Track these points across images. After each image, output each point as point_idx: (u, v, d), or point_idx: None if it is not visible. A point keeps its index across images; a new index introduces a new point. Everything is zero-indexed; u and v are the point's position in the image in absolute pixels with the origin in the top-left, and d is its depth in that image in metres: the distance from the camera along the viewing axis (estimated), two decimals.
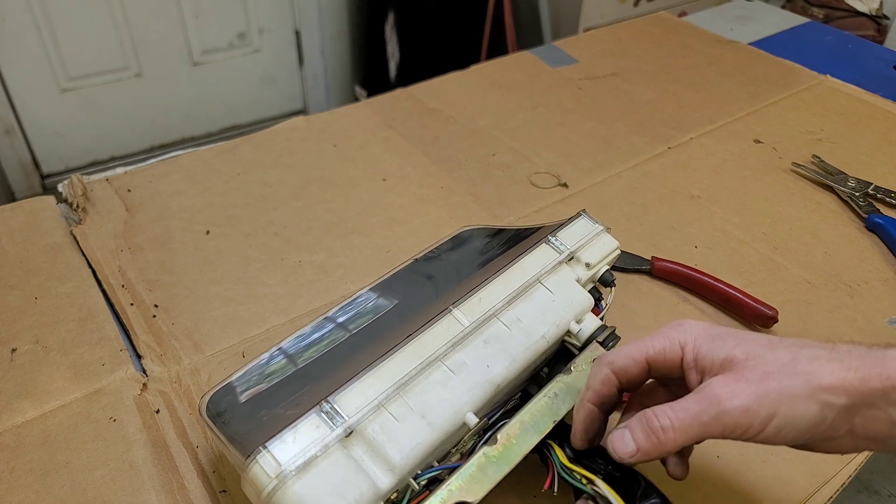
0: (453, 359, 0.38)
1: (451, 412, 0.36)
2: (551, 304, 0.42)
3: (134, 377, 0.48)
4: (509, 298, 0.41)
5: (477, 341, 0.39)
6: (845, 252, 0.61)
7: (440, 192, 0.66)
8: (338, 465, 0.33)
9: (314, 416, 0.34)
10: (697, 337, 0.33)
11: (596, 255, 0.46)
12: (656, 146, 0.74)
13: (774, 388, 0.30)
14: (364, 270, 0.57)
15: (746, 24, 1.05)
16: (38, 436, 0.44)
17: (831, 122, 0.79)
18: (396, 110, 0.78)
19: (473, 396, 0.37)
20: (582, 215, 0.48)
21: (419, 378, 0.37)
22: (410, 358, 0.37)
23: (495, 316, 0.40)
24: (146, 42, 1.73)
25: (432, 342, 0.38)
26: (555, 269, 0.44)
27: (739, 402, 0.30)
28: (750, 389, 0.30)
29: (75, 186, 0.63)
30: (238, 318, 0.53)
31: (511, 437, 0.35)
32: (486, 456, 0.34)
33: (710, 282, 0.55)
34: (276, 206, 0.64)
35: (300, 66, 2.00)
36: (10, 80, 1.61)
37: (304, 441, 0.33)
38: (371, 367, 0.37)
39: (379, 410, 0.35)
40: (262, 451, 0.33)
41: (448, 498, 0.32)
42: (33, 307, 0.53)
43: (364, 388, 0.36)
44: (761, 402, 0.30)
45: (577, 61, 0.90)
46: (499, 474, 0.33)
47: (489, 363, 0.38)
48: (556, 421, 0.36)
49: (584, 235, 0.46)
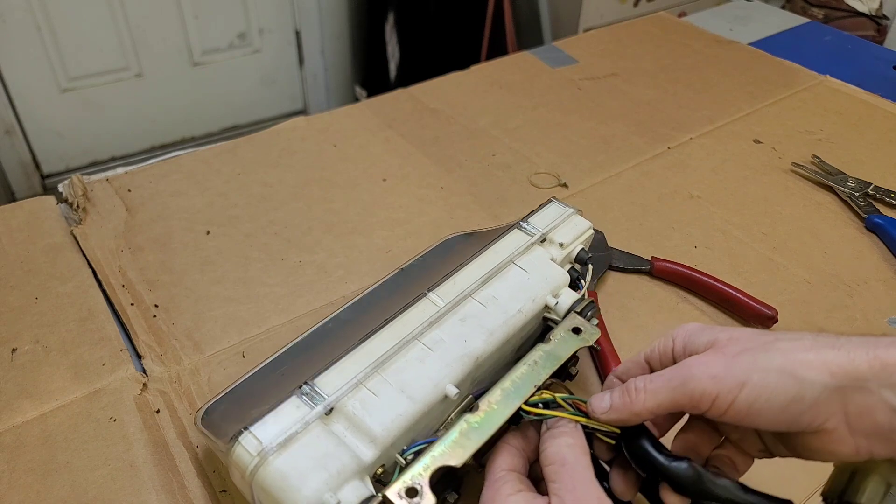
0: (430, 336, 0.38)
1: (430, 385, 0.36)
2: (526, 281, 0.43)
3: (134, 377, 0.48)
4: (484, 279, 0.42)
5: (453, 320, 0.40)
6: (845, 252, 0.61)
7: (440, 192, 0.66)
8: (319, 439, 0.33)
9: (294, 398, 0.35)
10: (690, 330, 0.34)
11: (568, 235, 0.46)
12: (656, 146, 0.74)
13: (746, 360, 0.30)
14: (364, 270, 0.57)
15: (746, 25, 1.05)
16: (39, 436, 0.44)
17: (831, 123, 0.79)
18: (396, 111, 0.78)
19: (453, 370, 0.37)
20: (552, 201, 0.49)
21: (397, 357, 0.37)
22: (388, 339, 0.38)
23: (470, 296, 0.41)
24: (146, 42, 1.73)
25: (409, 323, 0.39)
26: (528, 249, 0.45)
27: (708, 369, 0.31)
28: (722, 360, 0.31)
29: (76, 186, 0.63)
30: (238, 318, 0.53)
31: (492, 403, 0.35)
32: (468, 422, 0.34)
33: (710, 282, 0.55)
34: (277, 206, 0.64)
35: (300, 66, 2.00)
36: (10, 80, 1.61)
37: (285, 421, 0.34)
38: (350, 351, 0.37)
39: (358, 388, 0.35)
40: (245, 433, 0.33)
41: (432, 463, 0.32)
42: (34, 307, 0.53)
43: (343, 369, 0.36)
44: (730, 370, 0.30)
45: (576, 61, 0.90)
46: (481, 438, 0.34)
47: (466, 339, 0.38)
48: (536, 386, 0.36)
49: (556, 218, 0.47)
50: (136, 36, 1.71)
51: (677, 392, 0.31)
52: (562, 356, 0.38)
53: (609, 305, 0.54)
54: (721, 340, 0.32)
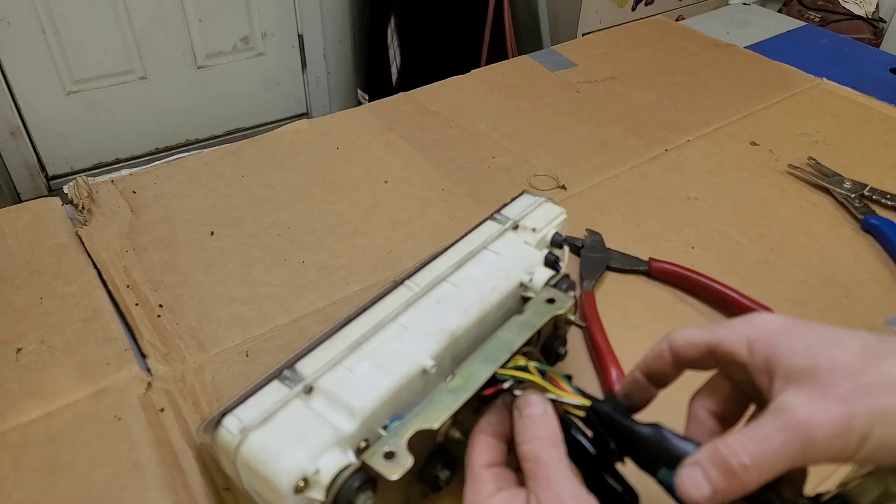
0: (405, 317, 0.39)
1: (406, 359, 0.37)
2: (499, 262, 0.44)
3: (139, 376, 0.48)
4: (458, 265, 0.43)
5: (428, 301, 0.40)
6: (841, 253, 0.62)
7: (441, 194, 0.67)
8: (298, 414, 0.34)
9: (275, 382, 0.36)
10: (771, 332, 0.29)
11: (540, 221, 0.47)
12: (653, 148, 0.75)
13: (867, 408, 0.26)
14: (366, 271, 0.58)
15: (743, 28, 1.06)
16: (43, 435, 0.44)
17: (827, 125, 0.80)
18: (398, 114, 0.79)
19: (429, 345, 0.37)
20: (524, 193, 0.50)
21: (373, 338, 0.38)
22: (365, 323, 0.39)
23: (445, 279, 0.42)
24: (151, 45, 1.74)
25: (386, 308, 0.40)
26: (500, 236, 0.46)
27: (829, 429, 0.26)
28: (839, 409, 0.26)
29: (80, 188, 0.64)
30: (242, 318, 0.53)
31: (467, 369, 0.36)
32: (444, 389, 0.35)
33: (707, 282, 0.56)
34: (280, 208, 0.64)
35: (303, 70, 2.01)
36: (15, 83, 1.63)
37: (266, 402, 0.34)
38: (328, 338, 0.38)
39: (336, 367, 0.36)
40: (227, 416, 0.34)
41: (409, 427, 0.33)
42: (39, 307, 0.53)
43: (321, 353, 0.37)
44: (851, 426, 0.25)
45: (575, 65, 0.91)
46: (458, 401, 0.34)
47: (442, 317, 0.39)
48: (511, 352, 0.37)
49: (527, 207, 0.48)
50: (141, 39, 1.72)
51: (796, 461, 0.26)
52: (534, 323, 0.39)
53: (607, 306, 0.55)
54: (822, 370, 0.27)
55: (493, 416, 0.35)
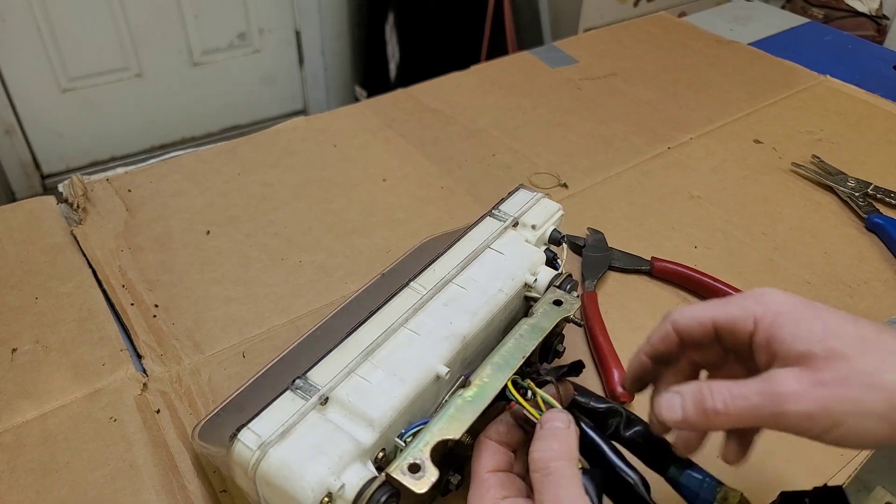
0: (415, 321, 0.39)
1: (420, 366, 0.36)
2: (503, 262, 0.44)
3: (134, 377, 0.48)
4: (462, 265, 0.43)
5: (436, 304, 0.40)
6: (845, 252, 0.62)
7: (440, 192, 0.66)
8: (317, 427, 0.34)
9: (288, 393, 0.35)
10: (778, 314, 0.30)
11: (539, 217, 0.47)
12: (656, 146, 0.74)
13: (847, 399, 0.27)
14: (364, 270, 0.57)
15: (746, 25, 1.05)
16: (39, 436, 0.44)
17: (831, 123, 0.79)
18: (396, 111, 0.78)
19: (441, 350, 0.37)
20: (520, 188, 0.50)
21: (385, 344, 0.38)
22: (375, 328, 0.38)
23: (451, 281, 0.42)
24: (146, 42, 1.73)
25: (394, 312, 0.39)
26: (501, 234, 0.46)
27: (804, 406, 0.27)
28: (819, 395, 0.27)
29: (76, 186, 0.63)
30: (238, 318, 0.53)
31: (483, 377, 0.36)
32: (462, 397, 0.35)
33: (710, 282, 0.55)
34: (277, 207, 0.64)
35: (300, 66, 2.00)
36: (10, 80, 1.61)
37: (281, 415, 0.34)
38: (338, 345, 0.38)
39: (350, 376, 0.36)
40: (243, 430, 0.33)
41: (431, 439, 0.33)
42: (34, 307, 0.53)
43: (333, 361, 0.37)
44: (827, 411, 0.27)
45: (576, 62, 0.90)
46: (477, 410, 0.35)
47: (451, 321, 0.39)
48: (524, 356, 0.37)
49: (525, 203, 0.48)
50: (136, 36, 1.71)
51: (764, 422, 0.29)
52: (545, 327, 0.40)
53: (609, 306, 0.54)
54: (817, 356, 0.28)
55: (501, 424, 0.35)
